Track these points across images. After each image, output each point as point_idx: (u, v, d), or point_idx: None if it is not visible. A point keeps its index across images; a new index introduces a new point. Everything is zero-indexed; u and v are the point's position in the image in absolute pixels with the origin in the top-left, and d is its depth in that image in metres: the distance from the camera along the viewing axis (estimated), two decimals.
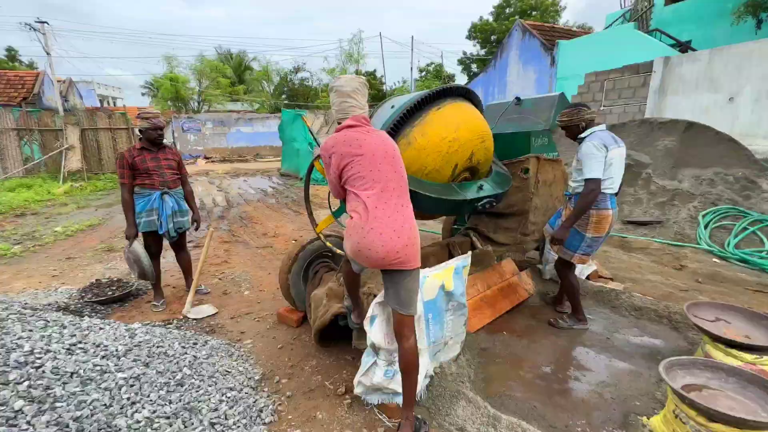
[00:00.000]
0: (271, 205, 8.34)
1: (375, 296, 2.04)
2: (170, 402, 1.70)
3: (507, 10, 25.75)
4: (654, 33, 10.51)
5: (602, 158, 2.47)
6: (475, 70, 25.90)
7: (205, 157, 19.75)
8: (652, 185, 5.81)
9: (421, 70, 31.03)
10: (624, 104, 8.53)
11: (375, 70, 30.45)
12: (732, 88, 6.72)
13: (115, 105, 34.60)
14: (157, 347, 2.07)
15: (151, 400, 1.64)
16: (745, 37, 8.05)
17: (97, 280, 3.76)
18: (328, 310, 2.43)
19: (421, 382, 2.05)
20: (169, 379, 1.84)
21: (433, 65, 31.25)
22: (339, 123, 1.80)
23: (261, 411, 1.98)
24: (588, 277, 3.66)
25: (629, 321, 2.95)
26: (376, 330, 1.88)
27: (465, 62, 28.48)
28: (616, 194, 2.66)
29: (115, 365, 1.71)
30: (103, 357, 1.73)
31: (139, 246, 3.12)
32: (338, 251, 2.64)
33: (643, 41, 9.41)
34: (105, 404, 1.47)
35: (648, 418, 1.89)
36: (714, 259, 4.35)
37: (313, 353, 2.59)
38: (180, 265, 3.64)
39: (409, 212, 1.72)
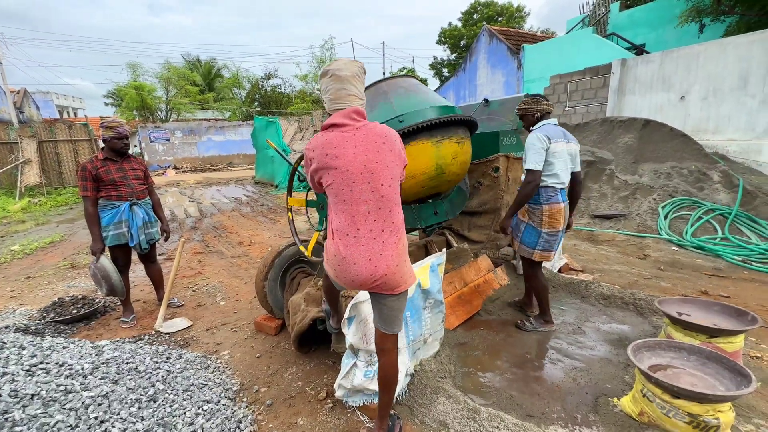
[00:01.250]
0: (246, 213, 8.17)
1: (353, 298, 2.05)
2: (142, 419, 1.63)
3: (475, 16, 26.49)
4: (611, 37, 11.10)
5: (542, 150, 2.44)
6: (446, 74, 26.44)
7: (175, 168, 19.12)
8: (615, 180, 6.11)
9: (393, 75, 31.31)
10: (587, 104, 8.94)
11: None
12: (682, 88, 7.19)
13: (76, 116, 32.96)
14: (127, 363, 1.99)
15: (121, 418, 1.57)
16: (691, 40, 8.65)
17: (59, 298, 3.56)
18: (307, 315, 2.41)
19: (402, 380, 2.06)
20: (141, 395, 1.77)
21: (405, 70, 31.67)
22: (329, 115, 1.56)
23: (240, 422, 1.94)
24: (560, 270, 3.79)
25: (598, 309, 3.08)
26: (354, 331, 1.88)
27: (436, 67, 29.02)
28: (576, 188, 2.71)
29: (81, 384, 1.63)
30: (67, 376, 1.65)
31: (106, 261, 2.98)
32: (315, 260, 2.64)
33: (602, 45, 9.92)
34: (70, 425, 1.40)
35: (618, 399, 1.98)
36: (673, 248, 4.61)
37: (293, 360, 2.56)
38: (150, 278, 3.51)
39: (389, 237, 1.51)
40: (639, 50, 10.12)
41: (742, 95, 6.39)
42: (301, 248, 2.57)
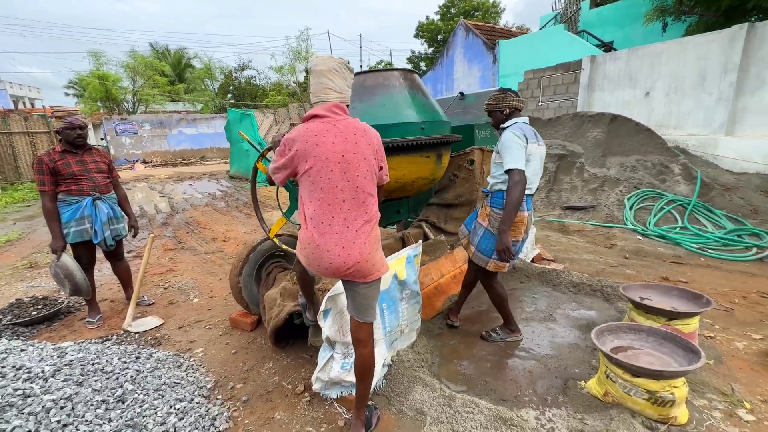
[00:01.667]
0: (220, 208, 7.95)
1: (328, 291, 2.04)
2: (110, 420, 1.57)
3: (452, 10, 26.60)
4: (582, 34, 11.43)
5: (523, 148, 2.20)
6: (424, 68, 26.49)
7: (144, 162, 18.33)
8: (585, 173, 6.34)
9: (370, 69, 31.12)
10: (559, 99, 9.20)
11: None
12: (647, 84, 7.51)
13: (33, 106, 30.91)
14: (93, 364, 1.91)
15: (86, 421, 1.51)
16: (656, 39, 9.03)
17: (17, 299, 3.36)
18: (283, 309, 2.38)
19: (380, 371, 2.08)
20: (108, 396, 1.70)
21: (383, 63, 31.49)
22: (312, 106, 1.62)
23: (214, 419, 1.90)
24: (533, 260, 3.92)
25: (568, 297, 3.21)
26: (330, 324, 1.88)
27: (414, 61, 29.02)
28: (532, 195, 2.42)
29: (42, 387, 1.55)
30: (25, 380, 1.56)
31: (68, 259, 2.83)
32: (291, 250, 2.59)
33: (573, 41, 10.20)
34: (29, 430, 1.33)
35: (585, 382, 2.07)
36: (638, 237, 4.85)
37: (270, 355, 2.53)
38: (118, 277, 3.37)
39: (363, 226, 1.55)
40: (608, 47, 10.48)
41: (700, 92, 6.75)
42: (269, 236, 2.51)
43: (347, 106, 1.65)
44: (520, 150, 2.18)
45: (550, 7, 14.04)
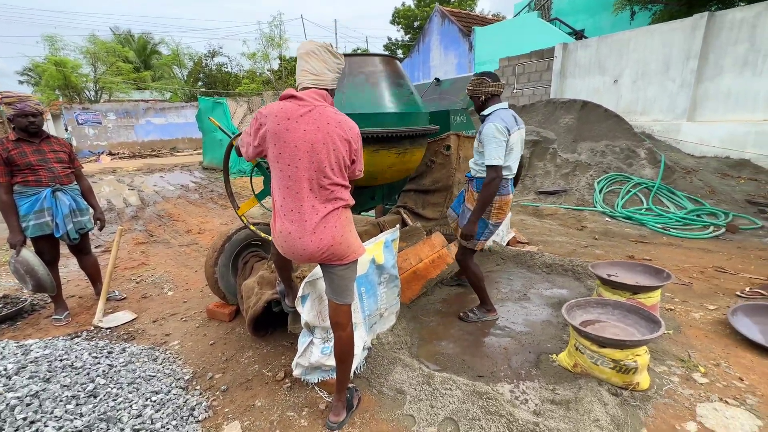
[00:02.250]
0: (194, 200, 7.71)
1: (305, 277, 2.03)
2: (81, 415, 1.53)
3: None
4: (554, 21, 11.61)
5: (504, 143, 2.23)
6: (401, 55, 26.24)
7: (110, 154, 17.45)
8: (557, 158, 6.52)
9: (351, 53, 30.57)
10: (533, 87, 9.36)
11: None
12: (615, 72, 7.74)
13: None
14: (60, 360, 1.84)
15: (55, 417, 1.46)
16: (624, 27, 9.29)
17: None
18: (261, 297, 2.36)
19: (360, 355, 2.11)
20: (78, 391, 1.65)
21: (359, 50, 30.99)
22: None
23: (193, 409, 1.88)
24: (508, 243, 4.03)
25: (542, 277, 3.33)
26: (309, 308, 1.88)
27: (391, 48, 28.68)
28: (519, 172, 2.56)
29: (5, 386, 1.48)
30: None
31: (29, 254, 2.69)
32: (268, 237, 2.55)
33: (546, 29, 10.35)
34: None
35: (556, 355, 2.17)
36: (606, 219, 5.06)
37: (249, 344, 2.51)
38: (85, 272, 3.23)
39: (332, 211, 1.55)
40: (579, 35, 10.70)
41: (664, 79, 7.02)
42: (237, 214, 2.48)
43: (332, 91, 1.62)
44: (500, 146, 2.23)
45: None
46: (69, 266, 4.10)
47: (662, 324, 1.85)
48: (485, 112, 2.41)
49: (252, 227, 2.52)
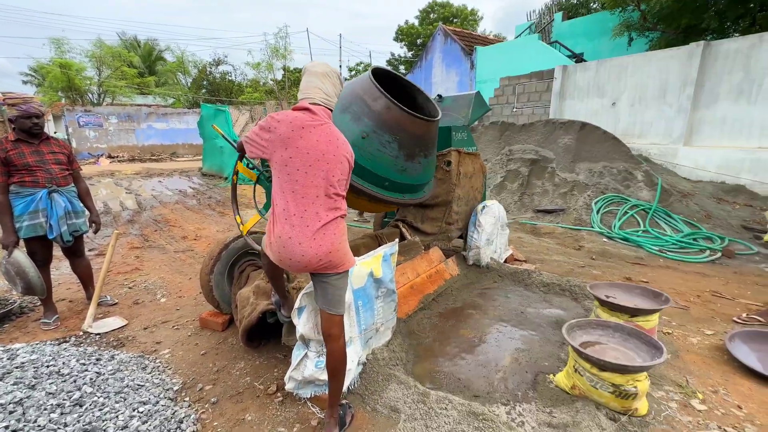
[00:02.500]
0: (191, 206, 7.67)
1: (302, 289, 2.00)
2: (65, 425, 1.47)
3: (431, 15, 26.97)
4: (554, 44, 11.89)
5: None
6: (403, 71, 26.70)
7: (110, 156, 17.43)
8: (556, 178, 6.57)
9: (350, 70, 31.07)
10: (532, 106, 9.51)
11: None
12: (614, 95, 7.90)
13: None
14: (47, 366, 1.79)
15: (38, 426, 1.41)
16: (622, 52, 9.52)
17: None
18: (256, 308, 2.32)
19: (355, 369, 2.07)
20: (64, 399, 1.60)
21: (362, 65, 31.48)
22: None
23: (181, 422, 1.82)
24: (506, 261, 4.02)
25: (539, 296, 3.31)
26: (305, 321, 1.85)
27: (393, 63, 29.18)
28: None
29: None
30: None
31: (21, 255, 2.65)
32: (258, 248, 2.52)
33: (546, 51, 10.59)
34: None
35: (554, 376, 2.14)
36: (604, 239, 5.07)
37: (241, 355, 2.46)
38: (77, 275, 3.18)
39: (333, 220, 1.59)
40: (578, 58, 10.94)
41: (662, 104, 7.16)
42: (237, 219, 2.40)
43: (331, 111, 1.72)
44: None
45: (525, 17, 14.53)
46: (61, 269, 4.04)
47: (664, 350, 1.83)
48: None
49: (247, 237, 2.48)
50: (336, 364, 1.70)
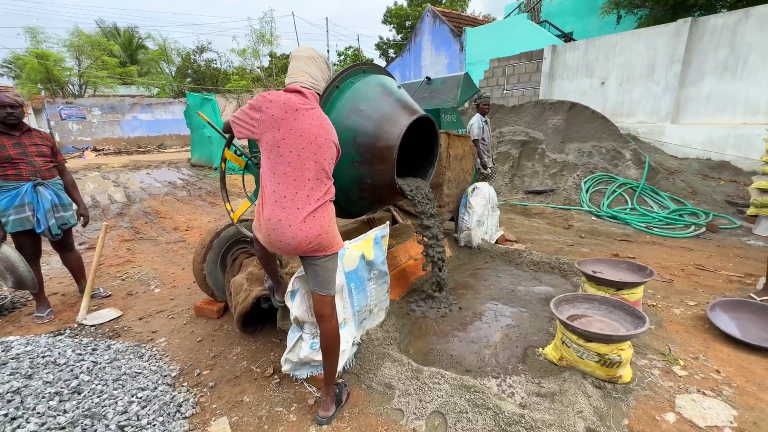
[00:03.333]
0: (182, 198, 7.59)
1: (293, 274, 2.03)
2: (65, 411, 1.50)
3: None
4: (544, 24, 11.76)
5: None
6: (393, 54, 26.26)
7: (95, 149, 17.05)
8: (546, 159, 6.62)
9: (339, 54, 30.48)
10: (522, 87, 9.47)
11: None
12: (603, 74, 7.89)
13: None
14: (43, 357, 1.80)
15: (38, 413, 1.43)
16: (610, 30, 9.47)
17: None
18: (250, 294, 2.34)
19: (350, 350, 2.12)
20: (62, 388, 1.62)
21: (351, 49, 30.87)
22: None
23: (180, 406, 1.86)
24: (497, 241, 4.08)
25: (529, 274, 3.38)
26: (298, 304, 1.88)
27: (382, 47, 28.67)
28: None
29: None
30: None
31: (9, 249, 2.62)
32: (250, 235, 2.50)
33: (536, 31, 10.49)
34: None
35: (543, 349, 2.22)
36: (593, 218, 5.16)
37: (237, 341, 2.49)
38: (68, 268, 3.16)
39: (324, 204, 1.61)
40: (567, 38, 10.86)
41: (649, 82, 7.19)
42: (228, 206, 2.36)
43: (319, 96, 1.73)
44: None
45: None
46: (52, 263, 4.01)
47: (647, 320, 1.90)
48: None
49: (238, 225, 2.47)
50: (329, 344, 1.73)
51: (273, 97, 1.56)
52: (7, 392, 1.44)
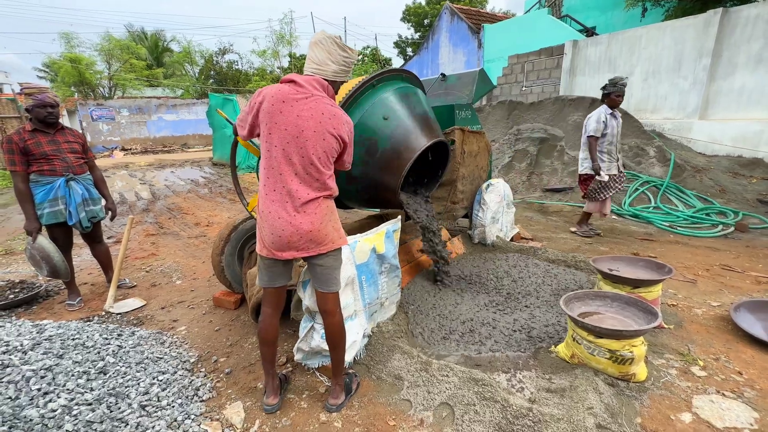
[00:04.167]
0: (203, 195, 7.85)
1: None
2: (91, 389, 1.60)
3: None
4: (565, 18, 11.48)
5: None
6: (411, 53, 26.19)
7: (123, 149, 17.80)
8: (565, 156, 6.47)
9: (358, 54, 30.64)
10: (542, 84, 9.28)
11: None
12: (626, 69, 7.64)
13: (1, 91, 29.38)
14: (73, 339, 1.92)
15: (68, 389, 1.53)
16: (635, 24, 9.15)
17: None
18: None
19: (360, 342, 2.16)
20: (89, 368, 1.72)
21: (369, 49, 30.99)
22: None
23: (198, 389, 1.95)
24: (512, 239, 4.03)
25: (543, 270, 3.32)
26: (309, 294, 1.93)
27: (401, 45, 28.64)
28: None
29: (21, 359, 1.56)
30: (4, 352, 1.57)
31: (45, 240, 2.79)
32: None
33: (556, 26, 10.25)
34: (10, 397, 1.36)
35: (555, 346, 2.19)
36: (613, 216, 5.02)
37: (252, 331, 2.58)
38: (97, 260, 3.34)
39: (314, 199, 1.56)
40: (590, 32, 10.57)
41: (676, 77, 6.91)
42: (247, 209, 2.52)
43: (334, 83, 1.65)
44: None
45: None
46: (82, 255, 4.23)
47: (659, 315, 1.86)
48: None
49: (254, 213, 2.56)
50: (334, 337, 1.75)
51: (264, 91, 1.55)
52: (41, 369, 1.55)
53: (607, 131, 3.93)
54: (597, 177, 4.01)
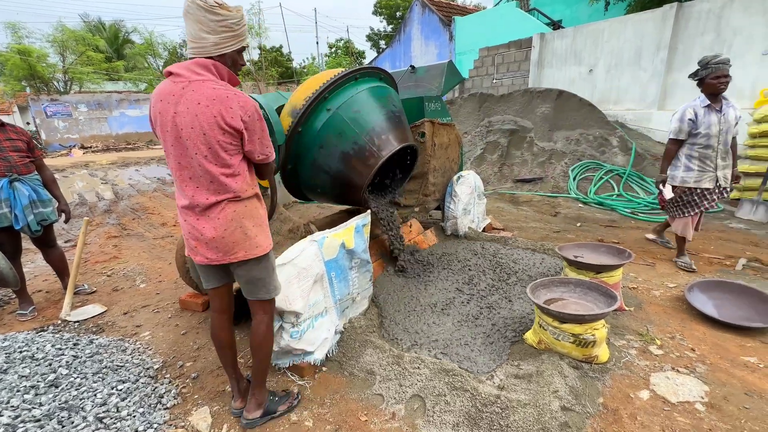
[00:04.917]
0: (170, 193, 7.53)
1: None
2: (40, 404, 1.50)
3: None
4: (533, 12, 11.70)
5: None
6: (384, 46, 26.00)
7: (82, 147, 16.79)
8: (534, 147, 6.63)
9: (330, 46, 30.15)
10: (512, 76, 9.45)
11: (281, 46, 28.66)
12: (591, 61, 7.89)
13: None
14: (20, 352, 1.79)
15: (12, 406, 1.43)
16: (599, 17, 9.44)
17: None
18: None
19: (332, 338, 2.13)
20: (38, 381, 1.61)
21: (342, 41, 30.53)
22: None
23: (161, 397, 1.87)
24: (484, 229, 4.10)
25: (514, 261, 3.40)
26: None
27: (373, 38, 28.39)
28: None
29: None
30: None
31: None
32: None
33: (524, 19, 10.43)
34: None
35: (524, 334, 2.24)
36: (579, 205, 5.20)
37: None
38: (51, 265, 3.13)
39: (216, 204, 1.41)
40: (556, 26, 10.82)
41: (636, 69, 7.20)
42: None
43: (222, 57, 1.39)
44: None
45: None
46: (36, 261, 3.97)
47: (618, 298, 1.93)
48: None
49: None
50: (253, 341, 1.66)
51: (152, 95, 1.39)
52: None
53: (700, 130, 3.02)
54: (661, 189, 3.20)
